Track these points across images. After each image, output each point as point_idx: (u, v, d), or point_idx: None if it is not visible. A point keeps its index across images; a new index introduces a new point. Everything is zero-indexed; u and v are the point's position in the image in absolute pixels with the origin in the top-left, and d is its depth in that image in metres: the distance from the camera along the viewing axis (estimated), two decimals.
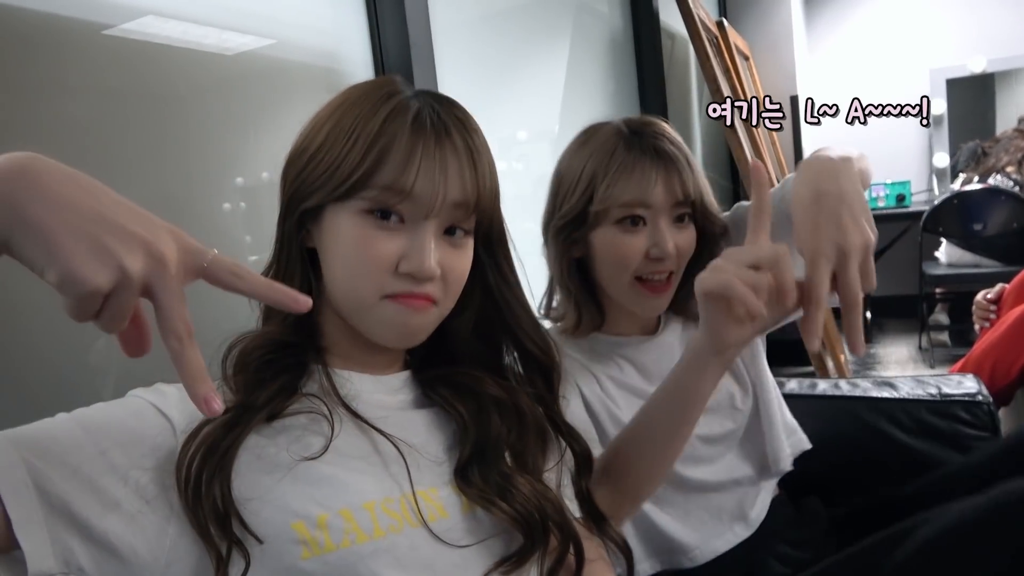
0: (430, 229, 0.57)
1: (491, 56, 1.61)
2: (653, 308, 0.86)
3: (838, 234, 0.58)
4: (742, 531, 0.88)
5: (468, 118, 0.62)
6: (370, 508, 0.54)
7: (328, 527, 0.52)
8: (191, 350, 0.40)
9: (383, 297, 0.57)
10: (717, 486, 0.87)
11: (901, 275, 3.83)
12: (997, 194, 3.05)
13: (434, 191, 0.56)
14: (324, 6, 1.13)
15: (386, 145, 0.56)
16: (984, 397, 1.07)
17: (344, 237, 0.57)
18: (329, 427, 0.56)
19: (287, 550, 0.51)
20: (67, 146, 0.74)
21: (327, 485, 0.53)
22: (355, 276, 0.57)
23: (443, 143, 0.57)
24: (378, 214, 0.56)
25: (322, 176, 0.57)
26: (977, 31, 3.82)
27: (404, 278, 0.57)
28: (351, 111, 0.58)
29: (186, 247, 0.41)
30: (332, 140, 0.58)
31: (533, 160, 1.80)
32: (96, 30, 0.79)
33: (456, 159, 0.58)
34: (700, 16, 2.28)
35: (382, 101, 0.58)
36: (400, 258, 0.56)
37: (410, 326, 0.59)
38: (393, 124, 0.56)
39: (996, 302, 1.71)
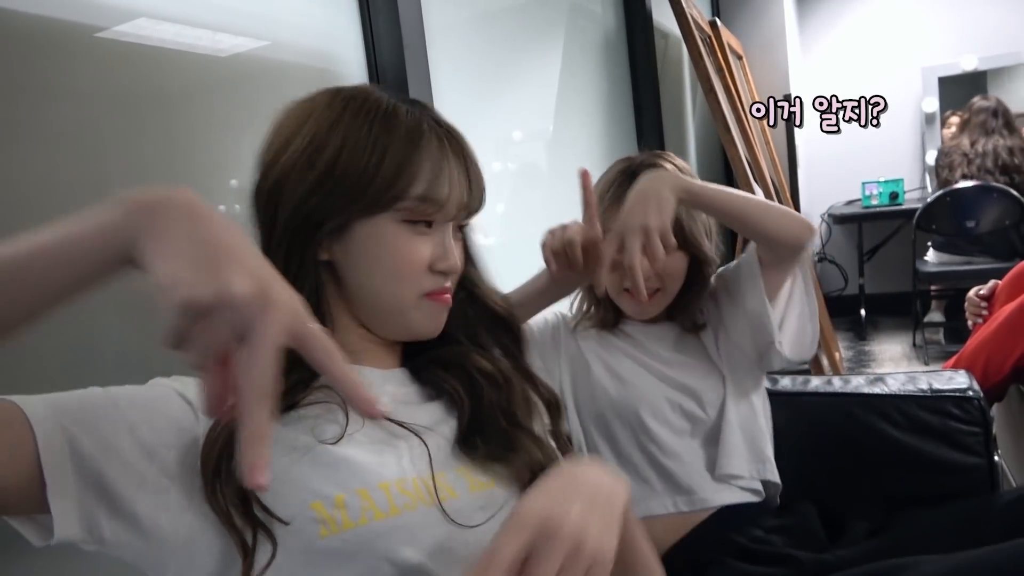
0: (451, 229, 0.64)
1: (485, 56, 1.61)
2: (640, 312, 1.04)
3: (627, 218, 0.81)
4: (683, 504, 0.97)
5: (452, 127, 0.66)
6: (385, 488, 0.56)
7: (346, 506, 0.53)
8: (262, 411, 0.37)
9: (421, 296, 0.63)
10: (672, 455, 0.98)
11: (895, 273, 3.85)
12: (989, 191, 3.07)
13: (460, 197, 0.62)
14: (317, 7, 1.13)
15: (418, 159, 0.60)
16: (975, 392, 1.08)
17: (383, 247, 0.61)
18: (344, 415, 0.58)
19: (306, 529, 0.52)
20: (60, 149, 0.74)
21: (344, 467, 0.55)
22: (397, 280, 0.62)
23: (457, 151, 0.63)
24: (412, 221, 0.61)
25: (350, 193, 0.59)
26: (968, 30, 3.84)
27: (438, 276, 0.63)
28: (360, 125, 0.60)
29: (296, 306, 0.40)
30: (350, 156, 0.59)
31: (528, 160, 1.80)
32: (89, 33, 0.79)
33: (465, 164, 0.63)
34: (693, 16, 2.29)
35: (389, 113, 0.61)
36: (432, 259, 0.62)
37: (442, 318, 0.65)
38: (418, 137, 0.60)
39: (988, 298, 1.71)
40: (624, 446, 1.01)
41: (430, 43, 1.25)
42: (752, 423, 1.03)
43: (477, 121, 1.50)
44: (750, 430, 1.02)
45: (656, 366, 1.04)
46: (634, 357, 1.05)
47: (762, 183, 2.49)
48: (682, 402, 1.02)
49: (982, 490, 1.05)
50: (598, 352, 1.06)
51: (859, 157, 4.05)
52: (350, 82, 1.17)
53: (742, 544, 0.93)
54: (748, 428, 1.02)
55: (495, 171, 1.59)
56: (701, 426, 1.02)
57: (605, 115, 2.21)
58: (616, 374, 1.03)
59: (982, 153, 3.22)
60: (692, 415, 1.01)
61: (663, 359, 1.05)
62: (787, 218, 0.93)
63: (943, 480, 1.07)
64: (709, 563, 0.92)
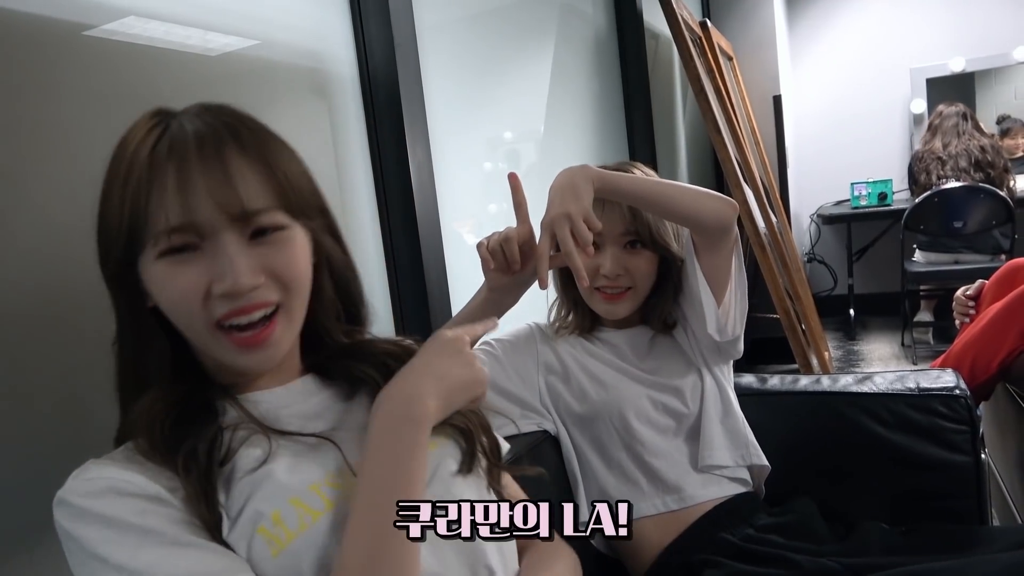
0: (227, 243, 0.56)
1: (476, 56, 1.61)
2: (611, 312, 1.06)
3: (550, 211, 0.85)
4: (672, 503, 0.99)
5: (229, 122, 0.59)
6: (316, 488, 0.58)
7: (284, 520, 0.55)
8: None
9: (216, 328, 0.57)
10: (658, 454, 1.00)
11: (884, 273, 3.88)
12: (976, 192, 3.10)
13: (199, 213, 0.55)
14: (308, 6, 1.13)
15: (136, 191, 0.55)
16: (961, 391, 1.09)
17: (156, 284, 0.57)
18: (267, 441, 0.59)
19: (263, 554, 0.54)
20: (49, 148, 0.74)
21: (274, 484, 0.57)
22: (181, 315, 0.57)
23: (186, 164, 0.55)
24: (170, 252, 0.55)
25: (109, 233, 0.57)
26: (956, 32, 3.88)
27: (224, 299, 0.56)
28: (115, 158, 0.58)
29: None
30: (107, 194, 0.58)
31: (519, 160, 1.80)
32: (76, 31, 0.78)
33: (207, 173, 0.55)
34: (683, 17, 2.29)
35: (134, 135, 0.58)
36: (211, 281, 0.56)
37: (255, 356, 0.59)
38: (136, 163, 0.56)
39: (976, 298, 1.73)
40: (610, 449, 1.02)
41: (421, 43, 1.25)
42: (730, 411, 1.05)
43: (468, 120, 1.50)
44: (728, 419, 1.05)
45: (635, 368, 1.06)
46: (612, 362, 1.07)
47: (752, 183, 2.50)
48: (665, 400, 1.04)
49: (968, 487, 1.06)
50: (577, 358, 1.07)
51: (848, 158, 4.08)
52: (341, 81, 1.17)
53: (735, 543, 0.94)
54: (726, 417, 1.05)
55: (487, 171, 1.59)
56: (685, 421, 1.03)
57: (596, 115, 2.21)
58: (597, 379, 1.05)
59: (955, 154, 3.32)
60: (676, 411, 1.03)
61: (641, 360, 1.07)
62: (706, 198, 0.95)
63: (930, 477, 1.07)
64: (703, 564, 0.92)
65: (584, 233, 0.83)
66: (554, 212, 0.84)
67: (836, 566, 0.85)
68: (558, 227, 0.82)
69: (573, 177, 0.86)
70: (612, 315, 1.07)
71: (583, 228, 0.83)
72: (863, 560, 0.86)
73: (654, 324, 1.09)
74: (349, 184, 1.19)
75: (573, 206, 0.83)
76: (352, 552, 0.53)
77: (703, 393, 1.04)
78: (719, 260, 0.99)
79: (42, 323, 0.71)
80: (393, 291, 1.23)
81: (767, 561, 0.89)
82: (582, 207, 0.83)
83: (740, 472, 1.03)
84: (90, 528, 0.51)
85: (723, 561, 0.91)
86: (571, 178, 0.86)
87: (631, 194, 0.93)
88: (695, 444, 1.03)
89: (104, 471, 0.54)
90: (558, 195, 0.85)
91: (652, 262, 1.04)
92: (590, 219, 0.84)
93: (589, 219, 0.83)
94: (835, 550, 0.90)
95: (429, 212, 1.23)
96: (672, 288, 1.07)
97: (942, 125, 3.45)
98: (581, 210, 0.83)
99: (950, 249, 3.29)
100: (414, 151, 1.20)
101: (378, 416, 0.59)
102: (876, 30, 4.03)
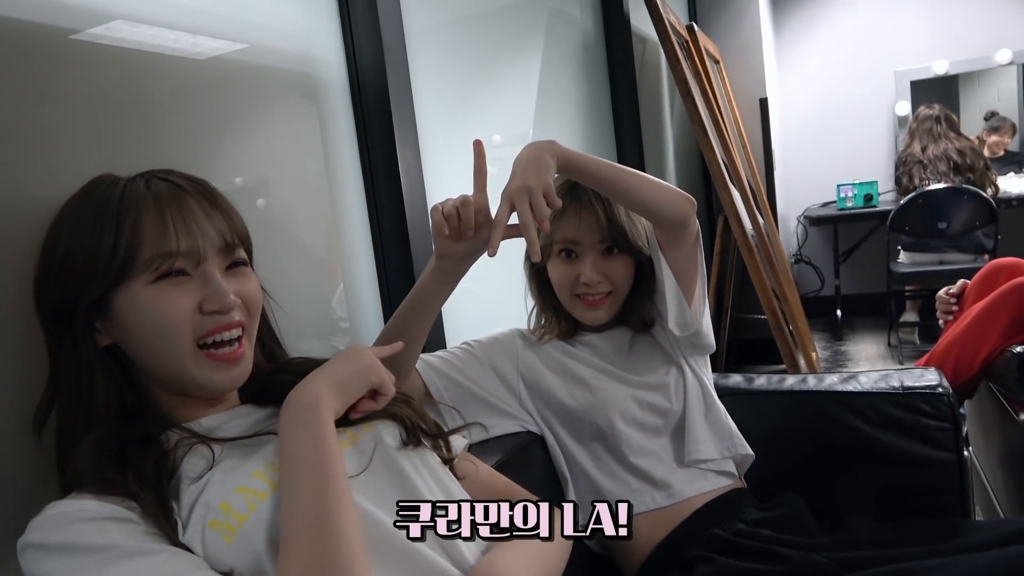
0: (213, 268, 0.65)
1: (464, 60, 1.62)
2: (592, 319, 1.08)
3: (512, 182, 0.85)
4: (662, 499, 1.00)
5: (197, 179, 0.69)
6: (259, 475, 0.62)
7: (231, 508, 0.59)
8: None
9: (197, 346, 0.65)
10: (645, 454, 1.02)
11: (870, 274, 3.91)
12: (960, 193, 3.14)
13: (197, 240, 0.64)
14: (297, 10, 1.13)
15: (135, 219, 0.62)
16: (944, 389, 1.10)
17: (144, 307, 0.62)
18: (209, 450, 0.64)
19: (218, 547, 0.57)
20: (36, 153, 0.74)
21: (218, 480, 0.61)
22: (166, 335, 0.63)
23: (183, 199, 0.65)
24: (166, 276, 0.63)
25: (85, 272, 0.61)
26: (940, 35, 3.93)
27: (211, 316, 0.65)
28: (83, 212, 0.63)
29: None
30: (77, 240, 0.62)
31: (508, 164, 1.81)
32: (63, 35, 0.78)
33: (201, 207, 0.66)
34: (670, 20, 2.31)
35: (109, 189, 0.64)
36: (201, 301, 0.64)
37: (229, 374, 0.67)
38: (133, 200, 0.63)
39: (958, 297, 1.75)
40: (598, 452, 1.03)
41: (410, 47, 1.25)
42: (712, 404, 1.07)
43: (456, 124, 1.50)
44: (711, 412, 1.06)
45: (619, 369, 1.07)
46: (595, 364, 1.08)
47: (739, 185, 2.52)
48: (650, 399, 1.05)
49: (952, 484, 1.08)
50: (560, 361, 1.08)
51: (834, 160, 4.11)
52: (330, 85, 1.17)
53: (726, 539, 0.95)
54: (709, 411, 1.06)
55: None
56: (671, 418, 1.05)
57: (584, 118, 2.23)
58: (582, 382, 1.06)
59: (934, 158, 3.39)
60: (661, 409, 1.05)
61: (624, 361, 1.08)
62: (666, 190, 0.97)
63: (914, 474, 1.09)
64: (695, 559, 0.93)
65: (542, 208, 0.83)
66: (515, 184, 0.83)
67: (825, 561, 0.86)
68: (518, 199, 0.82)
69: (538, 151, 0.86)
70: (594, 321, 1.08)
71: (542, 203, 0.83)
72: (852, 555, 0.87)
73: (633, 325, 1.11)
74: (339, 187, 1.19)
75: (534, 179, 0.83)
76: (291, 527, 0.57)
77: (686, 388, 1.06)
78: (683, 255, 1.01)
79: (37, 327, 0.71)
80: (383, 294, 1.24)
81: (758, 556, 0.90)
82: (543, 181, 0.83)
83: (726, 464, 1.05)
84: (54, 561, 0.53)
85: (714, 557, 0.92)
86: (535, 152, 0.86)
87: (593, 175, 0.93)
88: (680, 441, 1.04)
89: (59, 507, 0.56)
90: (521, 167, 0.85)
91: (629, 266, 1.06)
92: (550, 194, 0.83)
93: (549, 194, 0.83)
94: (824, 545, 0.91)
95: (418, 214, 1.23)
96: (648, 288, 1.09)
97: (919, 128, 3.52)
98: (542, 184, 0.83)
99: (935, 250, 3.33)
100: (403, 154, 1.20)
101: (284, 415, 0.65)
102: (861, 33, 4.07)
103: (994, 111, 3.93)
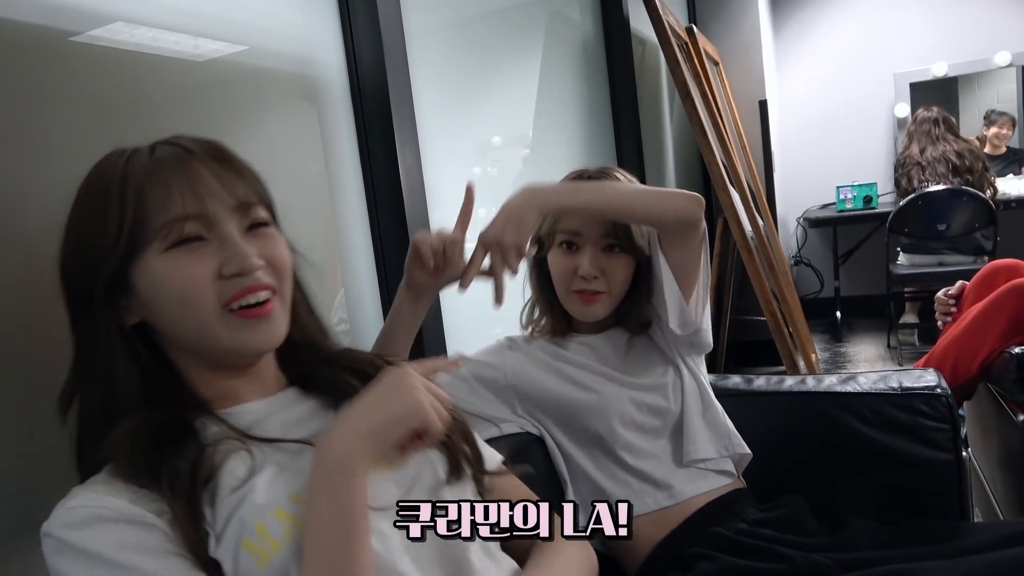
0: (232, 231, 0.61)
1: (465, 62, 1.62)
2: (586, 314, 1.07)
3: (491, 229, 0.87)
4: (664, 500, 1.00)
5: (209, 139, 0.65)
6: (298, 500, 0.58)
7: (268, 531, 0.56)
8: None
9: (224, 309, 0.61)
10: (645, 456, 1.02)
11: (869, 275, 3.91)
12: (960, 195, 3.14)
13: (206, 202, 0.60)
14: (297, 12, 1.13)
15: (139, 189, 0.59)
16: (943, 390, 1.10)
17: (162, 277, 0.59)
18: (250, 457, 0.60)
19: (250, 568, 0.55)
20: (37, 155, 0.74)
21: (258, 496, 0.57)
22: (187, 303, 0.60)
23: (190, 162, 0.61)
24: (179, 243, 0.60)
25: (96, 250, 0.59)
26: (939, 37, 3.93)
27: (233, 280, 0.61)
28: (90, 190, 0.61)
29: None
30: (88, 219, 0.60)
31: (508, 165, 1.81)
32: (63, 37, 0.78)
33: (209, 168, 0.62)
34: (670, 22, 2.32)
35: (113, 163, 0.61)
36: (220, 265, 0.60)
37: (262, 332, 0.63)
38: (135, 171, 0.60)
39: (957, 298, 1.75)
40: (597, 456, 1.03)
41: (410, 49, 1.25)
42: (709, 404, 1.07)
43: (457, 126, 1.51)
44: (709, 412, 1.07)
45: (617, 371, 1.07)
46: (591, 368, 1.07)
47: (738, 187, 2.53)
48: (648, 400, 1.05)
49: (950, 485, 1.08)
50: (551, 363, 1.08)
51: (833, 161, 4.12)
52: (330, 87, 1.18)
53: (728, 536, 0.95)
54: (706, 411, 1.07)
55: (476, 175, 1.60)
56: (669, 419, 1.05)
57: (584, 119, 2.23)
58: (578, 383, 1.05)
59: (932, 160, 3.40)
60: (660, 409, 1.05)
61: (621, 362, 1.08)
62: (669, 198, 0.98)
63: (913, 475, 1.09)
64: (696, 557, 0.94)
65: (512, 265, 0.87)
66: (492, 235, 0.86)
67: (826, 561, 0.86)
68: (492, 252, 0.87)
69: (523, 206, 0.89)
70: (587, 317, 1.08)
71: (512, 260, 0.87)
72: (853, 555, 0.87)
73: (630, 326, 1.11)
74: (339, 189, 1.19)
75: (510, 237, 0.86)
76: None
77: (683, 388, 1.06)
78: (688, 254, 1.01)
79: (38, 328, 0.71)
80: (384, 296, 1.24)
81: (759, 555, 0.91)
82: (517, 241, 0.86)
83: (724, 464, 1.05)
84: (71, 563, 0.52)
85: (715, 555, 0.92)
86: (522, 206, 0.88)
87: (595, 211, 0.99)
88: (679, 441, 1.04)
89: (86, 498, 0.55)
90: (502, 219, 0.87)
91: (628, 266, 1.06)
92: (520, 251, 0.87)
93: (520, 251, 0.87)
94: (825, 545, 0.91)
95: (419, 217, 1.24)
96: (646, 289, 1.09)
97: (917, 130, 3.53)
98: (515, 243, 0.86)
99: (934, 251, 3.33)
100: (403, 156, 1.21)
101: (315, 466, 0.59)
102: (860, 35, 4.08)
103: (993, 109, 3.93)
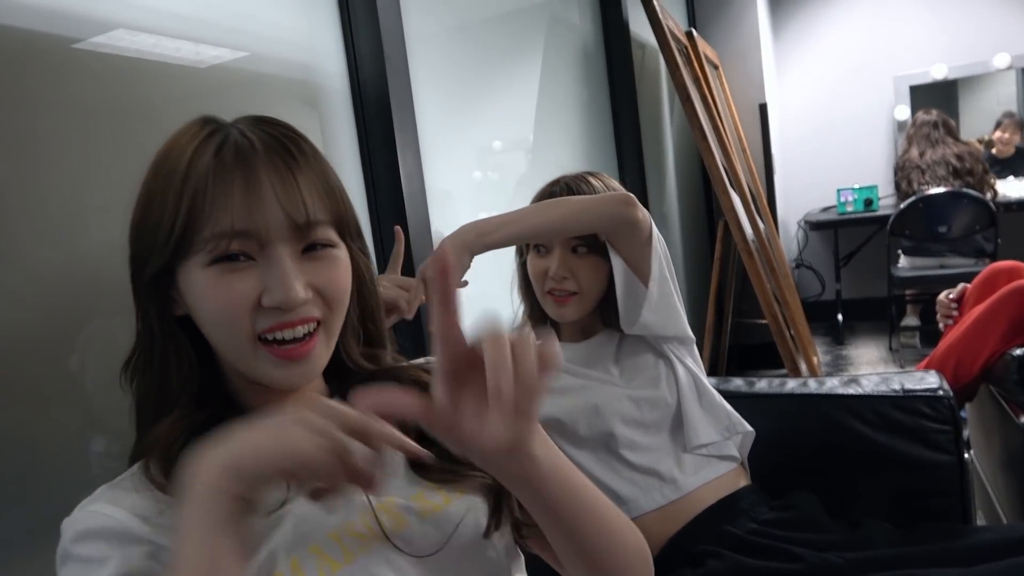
0: (283, 255, 0.55)
1: (465, 67, 1.63)
2: (559, 315, 1.10)
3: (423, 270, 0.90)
4: (671, 493, 1.01)
5: (288, 134, 0.58)
6: (336, 537, 0.55)
7: (302, 568, 0.53)
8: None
9: (258, 340, 0.56)
10: (648, 451, 1.03)
11: (870, 278, 3.91)
12: (960, 197, 3.15)
13: (257, 219, 0.54)
14: (298, 18, 1.14)
15: (195, 193, 0.54)
16: (945, 392, 1.10)
17: (200, 292, 0.55)
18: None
19: None
20: (38, 162, 0.74)
21: (291, 528, 0.54)
22: (223, 325, 0.56)
23: (253, 167, 0.54)
24: (223, 260, 0.54)
25: (150, 238, 0.55)
26: (938, 40, 3.94)
27: (272, 311, 0.55)
28: (157, 175, 0.57)
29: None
30: (149, 205, 0.56)
31: (509, 169, 1.82)
32: (65, 44, 0.79)
33: (274, 176, 0.55)
34: (669, 26, 2.32)
35: (184, 149, 0.56)
36: (262, 293, 0.55)
37: (295, 372, 0.57)
38: (197, 168, 0.54)
39: (958, 301, 1.75)
40: (602, 456, 1.03)
41: (411, 54, 1.26)
42: (704, 391, 1.08)
43: (458, 130, 1.51)
44: (705, 398, 1.08)
45: (611, 374, 1.08)
46: (582, 373, 1.08)
47: (739, 190, 2.53)
48: (645, 395, 1.06)
49: (952, 486, 1.08)
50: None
51: (834, 164, 4.12)
52: (331, 93, 1.18)
53: (738, 535, 0.95)
54: (702, 397, 1.08)
55: (477, 180, 1.60)
56: (668, 411, 1.06)
57: (584, 124, 2.23)
58: (571, 388, 1.06)
59: (932, 163, 3.41)
60: (658, 402, 1.05)
61: (615, 364, 1.09)
62: (595, 204, 0.99)
63: (915, 477, 1.09)
64: (706, 555, 0.93)
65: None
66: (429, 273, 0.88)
67: (839, 560, 0.86)
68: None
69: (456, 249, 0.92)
70: (561, 318, 1.10)
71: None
72: (866, 555, 0.86)
73: (617, 326, 1.10)
74: None
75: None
76: None
77: (677, 379, 1.07)
78: (638, 251, 1.02)
79: (43, 331, 0.71)
80: None
81: (770, 554, 0.90)
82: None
83: (728, 448, 1.06)
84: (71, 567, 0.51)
85: (726, 553, 0.92)
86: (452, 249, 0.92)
87: (524, 238, 1.01)
88: (679, 431, 1.05)
89: (95, 504, 0.53)
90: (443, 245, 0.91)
91: (599, 267, 1.07)
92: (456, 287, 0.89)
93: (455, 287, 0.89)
94: (838, 544, 0.91)
95: (420, 222, 1.24)
96: None
97: (917, 133, 3.54)
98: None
99: (935, 254, 3.34)
100: (405, 161, 1.21)
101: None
102: (860, 38, 4.08)
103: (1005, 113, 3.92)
